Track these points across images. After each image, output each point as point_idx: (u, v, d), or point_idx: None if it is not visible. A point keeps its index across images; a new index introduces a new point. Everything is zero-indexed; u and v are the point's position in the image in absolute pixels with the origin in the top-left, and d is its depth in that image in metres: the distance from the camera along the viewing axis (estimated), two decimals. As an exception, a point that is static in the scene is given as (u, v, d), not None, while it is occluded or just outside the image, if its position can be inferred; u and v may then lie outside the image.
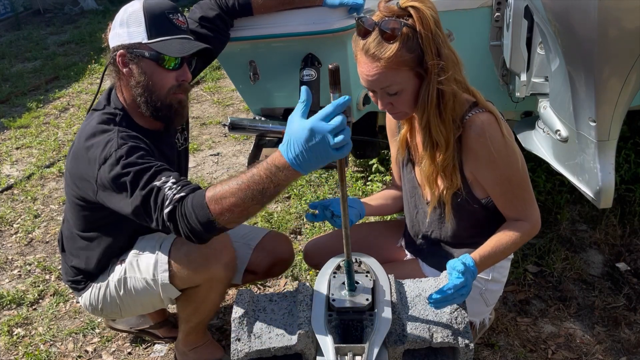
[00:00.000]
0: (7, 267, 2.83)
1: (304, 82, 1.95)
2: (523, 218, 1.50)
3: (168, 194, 1.41)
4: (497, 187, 1.49)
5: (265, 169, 1.24)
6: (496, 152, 1.41)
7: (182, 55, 1.59)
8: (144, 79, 1.61)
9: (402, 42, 1.29)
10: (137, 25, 1.58)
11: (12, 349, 2.27)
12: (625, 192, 2.73)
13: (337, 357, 1.23)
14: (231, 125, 2.19)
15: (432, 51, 1.31)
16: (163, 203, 1.41)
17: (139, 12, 1.58)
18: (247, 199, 1.29)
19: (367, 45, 1.33)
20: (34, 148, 4.24)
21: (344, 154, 1.13)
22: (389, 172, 3.16)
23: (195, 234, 1.40)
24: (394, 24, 1.28)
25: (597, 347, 2.04)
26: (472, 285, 1.38)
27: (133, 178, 1.47)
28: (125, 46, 1.59)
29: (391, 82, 1.36)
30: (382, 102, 1.43)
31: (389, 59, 1.31)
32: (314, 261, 1.92)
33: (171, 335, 2.17)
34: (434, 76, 1.33)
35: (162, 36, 1.59)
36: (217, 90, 5.07)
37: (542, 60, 1.87)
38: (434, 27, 1.30)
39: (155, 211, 1.43)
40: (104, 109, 1.69)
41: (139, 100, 1.64)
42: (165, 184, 1.44)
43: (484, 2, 2.04)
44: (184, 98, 1.70)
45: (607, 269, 2.42)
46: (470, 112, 1.43)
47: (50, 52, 6.94)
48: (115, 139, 1.55)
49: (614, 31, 1.36)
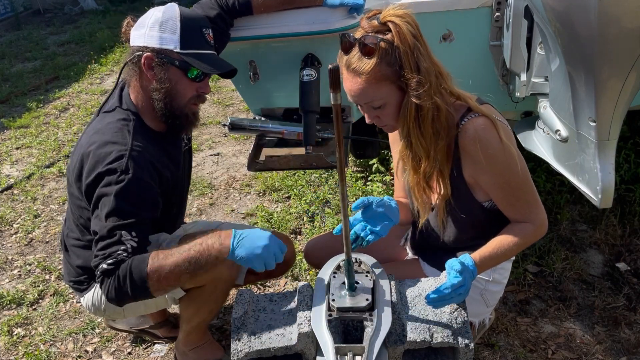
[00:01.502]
0: (7, 267, 2.83)
1: (304, 82, 1.95)
2: (527, 220, 1.50)
3: (119, 254, 1.49)
4: (497, 190, 1.49)
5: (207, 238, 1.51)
6: (492, 156, 1.41)
7: (215, 72, 1.62)
8: (167, 85, 1.61)
9: (380, 57, 1.31)
10: (171, 33, 1.58)
11: (12, 349, 2.27)
12: (625, 192, 2.73)
13: (337, 357, 1.23)
14: (231, 125, 2.19)
15: (411, 65, 1.33)
16: (108, 257, 1.49)
17: (176, 19, 1.58)
18: (181, 266, 1.49)
19: (349, 60, 1.36)
20: (34, 148, 4.24)
21: (262, 270, 1.49)
22: (389, 172, 3.16)
23: (121, 296, 1.51)
24: (372, 39, 1.31)
25: (597, 347, 2.04)
26: (471, 285, 1.38)
27: (113, 211, 1.52)
28: (155, 50, 1.59)
29: (373, 97, 1.38)
30: (369, 116, 1.46)
31: (369, 73, 1.33)
32: (315, 261, 1.92)
33: (171, 335, 2.17)
34: (411, 90, 1.35)
35: (194, 49, 1.60)
36: (217, 90, 5.07)
37: (542, 60, 1.87)
38: (412, 41, 1.32)
39: (99, 255, 1.52)
40: (116, 111, 1.68)
41: (157, 105, 1.64)
42: (128, 242, 1.51)
43: (484, 2, 2.04)
44: (198, 110, 1.73)
45: (607, 269, 2.42)
46: (465, 117, 1.44)
47: (50, 52, 6.94)
48: (126, 159, 1.55)
49: (614, 31, 1.37)
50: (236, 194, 3.33)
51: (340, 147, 1.20)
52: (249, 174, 3.47)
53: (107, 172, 1.54)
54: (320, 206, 3.03)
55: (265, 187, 3.29)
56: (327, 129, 2.09)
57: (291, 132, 2.10)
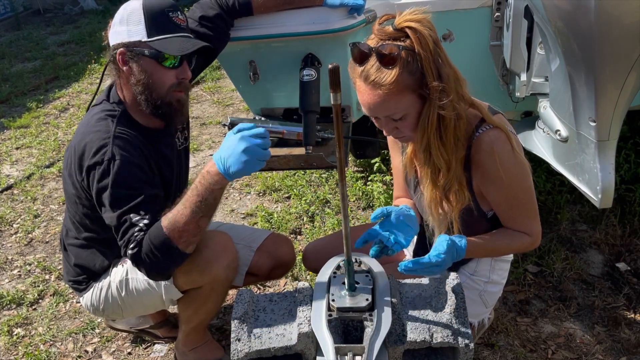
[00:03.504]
0: (7, 267, 2.83)
1: (304, 82, 1.95)
2: (524, 232, 1.50)
3: (136, 236, 1.50)
4: (503, 203, 1.47)
5: (199, 178, 1.47)
6: (505, 170, 1.38)
7: (182, 53, 1.59)
8: (144, 77, 1.61)
9: (402, 66, 1.23)
10: (136, 24, 1.58)
11: (12, 349, 2.27)
12: (625, 192, 2.73)
13: (337, 357, 1.23)
14: (231, 125, 2.19)
15: (433, 73, 1.25)
16: (129, 242, 1.51)
17: (139, 10, 1.58)
18: (194, 213, 1.47)
19: (366, 72, 1.26)
20: (34, 148, 4.24)
21: (262, 165, 1.42)
22: (389, 172, 3.16)
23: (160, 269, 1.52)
24: (391, 48, 1.21)
25: (597, 347, 2.04)
26: (448, 264, 1.38)
27: (115, 200, 1.53)
28: (125, 44, 1.59)
29: (395, 109, 1.30)
30: (387, 128, 1.38)
31: (391, 85, 1.24)
32: (313, 265, 1.90)
33: (171, 335, 2.17)
34: (434, 100, 1.27)
35: (161, 34, 1.59)
36: (217, 90, 5.07)
37: (542, 60, 1.87)
38: (434, 46, 1.24)
39: (122, 245, 1.53)
40: (102, 104, 1.70)
41: (140, 99, 1.64)
42: (140, 221, 1.52)
43: (484, 2, 2.04)
44: (184, 96, 1.70)
45: (607, 269, 2.42)
46: (479, 129, 1.39)
47: (50, 52, 6.94)
48: (110, 146, 1.56)
49: (614, 31, 1.37)
50: (236, 193, 3.33)
51: (340, 147, 1.19)
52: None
53: (95, 165, 1.56)
54: (320, 206, 3.03)
55: (265, 187, 3.29)
56: (327, 129, 2.09)
57: (291, 132, 2.10)
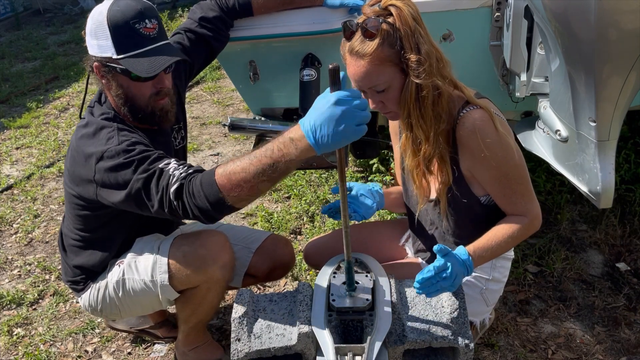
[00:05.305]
0: (7, 267, 2.83)
1: (304, 82, 1.95)
2: (523, 213, 1.51)
3: (175, 174, 1.41)
4: (494, 183, 1.50)
5: (279, 142, 1.25)
6: (490, 148, 1.42)
7: (150, 75, 1.55)
8: (121, 91, 1.61)
9: (382, 38, 1.34)
10: (104, 39, 1.54)
11: (12, 349, 2.27)
12: (625, 192, 2.73)
13: (337, 357, 1.23)
14: (231, 125, 2.20)
15: (412, 46, 1.35)
16: (169, 181, 1.40)
17: (104, 23, 1.52)
18: (258, 174, 1.28)
19: (352, 45, 1.38)
20: (34, 148, 4.24)
21: (361, 132, 1.19)
22: (389, 172, 3.16)
23: (204, 212, 1.38)
24: (374, 22, 1.34)
25: (597, 347, 2.04)
26: (461, 273, 1.37)
27: (136, 164, 1.47)
28: (98, 59, 1.58)
29: (377, 79, 1.39)
30: (373, 101, 1.47)
31: (371, 55, 1.35)
32: (314, 261, 1.92)
33: (171, 335, 2.17)
34: (411, 70, 1.37)
35: (130, 50, 1.54)
36: (217, 90, 5.07)
37: (542, 60, 1.87)
38: (413, 23, 1.35)
39: (159, 191, 1.42)
40: (95, 107, 1.69)
41: (123, 110, 1.64)
42: (168, 165, 1.44)
43: (484, 2, 2.04)
44: (166, 103, 1.67)
45: (607, 269, 2.42)
46: (463, 109, 1.45)
47: (50, 52, 6.94)
48: (116, 136, 1.55)
49: (614, 31, 1.37)
50: (236, 194, 3.32)
51: (340, 148, 1.20)
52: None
53: (102, 155, 1.52)
54: (320, 206, 3.03)
55: (265, 187, 3.28)
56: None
57: (291, 132, 2.10)
